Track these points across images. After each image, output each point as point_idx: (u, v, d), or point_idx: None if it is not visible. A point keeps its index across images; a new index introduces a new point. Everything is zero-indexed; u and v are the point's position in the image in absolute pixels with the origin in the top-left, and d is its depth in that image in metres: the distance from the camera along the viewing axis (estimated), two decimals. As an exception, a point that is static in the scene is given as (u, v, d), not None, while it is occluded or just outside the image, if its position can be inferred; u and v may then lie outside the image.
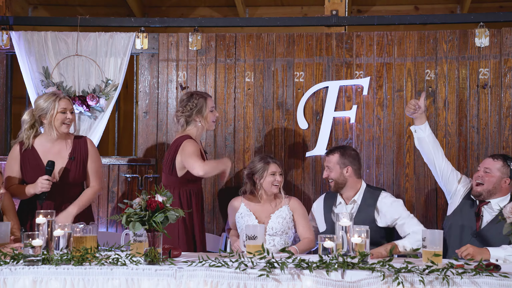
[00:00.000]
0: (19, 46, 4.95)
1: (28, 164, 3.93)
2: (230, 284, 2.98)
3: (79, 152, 4.00)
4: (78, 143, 4.02)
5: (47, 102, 3.91)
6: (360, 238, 3.10)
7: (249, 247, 3.31)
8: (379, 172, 4.86)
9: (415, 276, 2.88)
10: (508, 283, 2.84)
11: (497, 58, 4.81)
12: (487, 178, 3.84)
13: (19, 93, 5.30)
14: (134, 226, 3.12)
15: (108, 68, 4.98)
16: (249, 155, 4.94)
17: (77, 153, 4.00)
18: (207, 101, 4.12)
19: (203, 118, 4.09)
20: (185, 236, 4.00)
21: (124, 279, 3.03)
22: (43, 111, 3.92)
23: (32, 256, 3.05)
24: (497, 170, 3.85)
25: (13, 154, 3.98)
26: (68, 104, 3.96)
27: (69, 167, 3.96)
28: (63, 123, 3.92)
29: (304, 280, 2.95)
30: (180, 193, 4.05)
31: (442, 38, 4.86)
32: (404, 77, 4.88)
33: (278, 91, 4.96)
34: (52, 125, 3.91)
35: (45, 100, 3.93)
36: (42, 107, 3.91)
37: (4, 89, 5.11)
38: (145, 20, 5.15)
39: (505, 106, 4.78)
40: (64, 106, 3.92)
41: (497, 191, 3.84)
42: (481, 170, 3.90)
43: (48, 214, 3.33)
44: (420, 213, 4.79)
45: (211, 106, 4.13)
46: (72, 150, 4.00)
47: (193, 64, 5.02)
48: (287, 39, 4.97)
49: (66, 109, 3.92)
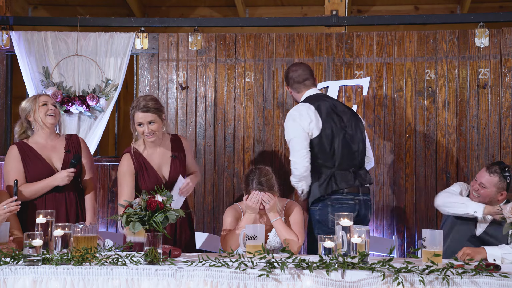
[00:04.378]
0: (19, 46, 4.96)
1: (30, 161, 3.99)
2: (230, 284, 2.98)
3: (72, 146, 4.08)
4: (70, 139, 4.11)
5: (28, 103, 4.04)
6: (360, 238, 3.10)
7: (249, 247, 3.31)
8: (379, 172, 4.86)
9: (415, 276, 2.88)
10: (508, 283, 2.84)
11: (497, 58, 4.81)
12: (482, 192, 3.82)
13: (19, 93, 5.31)
14: (134, 226, 3.12)
15: (108, 68, 4.98)
16: (249, 155, 4.94)
17: (71, 147, 4.08)
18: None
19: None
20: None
21: (124, 279, 3.03)
22: (26, 111, 4.02)
23: (32, 256, 3.05)
24: (493, 186, 3.80)
25: (13, 154, 4.00)
26: (47, 98, 4.05)
27: (67, 160, 4.02)
28: (46, 115, 4.00)
29: (304, 280, 2.95)
30: None
31: (442, 38, 4.87)
32: (404, 77, 4.88)
33: (278, 91, 4.96)
34: (38, 120, 4.00)
35: (26, 102, 4.06)
36: (24, 108, 4.03)
37: (4, 89, 5.11)
38: (145, 20, 5.16)
39: (505, 106, 4.78)
40: (44, 100, 4.03)
41: (493, 203, 3.83)
42: (477, 183, 3.85)
43: (48, 214, 3.33)
44: (420, 213, 4.80)
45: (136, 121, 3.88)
46: (66, 144, 4.08)
47: (193, 64, 5.02)
48: (287, 39, 4.97)
49: (47, 102, 4.02)
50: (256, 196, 3.65)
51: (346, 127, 4.03)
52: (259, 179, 3.70)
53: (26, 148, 4.01)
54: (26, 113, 4.02)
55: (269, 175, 3.75)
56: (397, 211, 4.84)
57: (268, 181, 3.71)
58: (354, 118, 4.09)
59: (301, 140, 3.94)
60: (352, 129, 4.04)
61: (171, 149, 3.94)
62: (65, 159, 4.02)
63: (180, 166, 3.92)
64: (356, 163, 4.05)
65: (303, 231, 3.78)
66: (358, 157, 4.06)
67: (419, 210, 4.81)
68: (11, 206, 3.53)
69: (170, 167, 3.90)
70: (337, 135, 3.98)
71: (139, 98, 3.85)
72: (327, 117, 3.98)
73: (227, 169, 4.95)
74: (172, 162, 3.91)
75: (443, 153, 4.83)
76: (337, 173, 3.96)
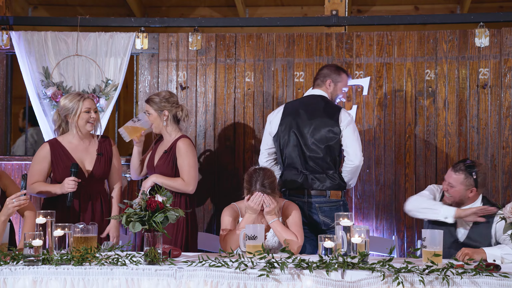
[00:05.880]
0: (19, 46, 4.95)
1: (61, 162, 4.04)
2: (230, 284, 2.98)
3: (105, 149, 4.14)
4: (103, 142, 4.17)
5: (72, 102, 4.05)
6: (360, 238, 3.10)
7: (249, 247, 3.31)
8: (379, 172, 4.86)
9: (415, 276, 2.88)
10: (508, 283, 2.84)
11: (497, 58, 4.81)
12: (452, 191, 3.80)
13: (19, 93, 5.31)
14: (134, 226, 3.12)
15: (108, 68, 4.98)
16: (249, 155, 4.94)
17: (104, 150, 4.14)
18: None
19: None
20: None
21: (124, 279, 3.03)
22: (68, 110, 4.05)
23: (32, 256, 3.05)
24: (460, 184, 3.77)
25: (43, 153, 4.08)
26: (92, 103, 4.09)
27: (98, 162, 4.09)
28: (87, 122, 4.06)
29: (304, 280, 2.95)
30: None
31: (442, 38, 4.87)
32: (404, 77, 4.88)
33: (278, 91, 4.96)
34: (76, 124, 4.05)
35: (70, 101, 4.06)
36: (67, 107, 4.05)
37: (4, 89, 5.11)
38: (145, 20, 5.16)
39: (505, 106, 4.78)
40: (88, 106, 4.05)
41: (464, 200, 3.80)
42: (446, 183, 3.83)
43: (48, 214, 3.34)
44: (420, 213, 4.80)
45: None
46: (98, 147, 4.13)
47: (193, 64, 5.02)
48: (287, 39, 4.97)
49: (90, 109, 4.06)
50: (258, 197, 3.65)
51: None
52: (262, 181, 3.68)
53: (58, 147, 4.07)
54: (67, 113, 4.05)
55: (272, 178, 3.74)
56: (397, 211, 4.84)
57: (271, 184, 3.70)
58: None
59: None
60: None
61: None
62: (96, 162, 4.09)
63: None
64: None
65: (302, 230, 3.77)
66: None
67: (419, 210, 4.80)
68: (20, 200, 3.51)
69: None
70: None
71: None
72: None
73: (227, 169, 4.95)
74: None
75: (443, 153, 4.83)
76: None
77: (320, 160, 4.11)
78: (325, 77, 4.26)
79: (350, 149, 4.12)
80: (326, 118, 4.12)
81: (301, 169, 4.13)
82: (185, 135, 4.20)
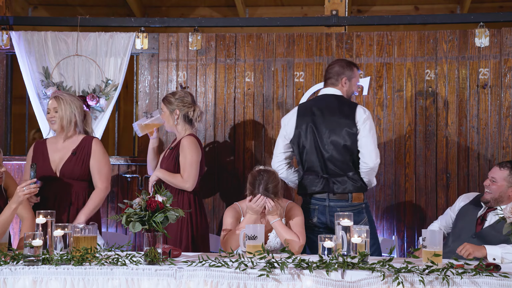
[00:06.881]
0: (19, 46, 4.96)
1: (38, 161, 4.03)
2: (230, 284, 2.98)
3: (82, 149, 4.07)
4: (85, 141, 4.10)
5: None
6: (360, 238, 3.10)
7: (249, 247, 3.31)
8: (379, 172, 4.84)
9: (415, 276, 2.88)
10: (508, 283, 2.84)
11: (497, 58, 4.81)
12: (493, 187, 3.83)
13: (19, 93, 5.31)
14: (134, 226, 3.12)
15: (108, 68, 4.98)
16: (249, 155, 4.94)
17: (80, 149, 4.07)
18: None
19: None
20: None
21: (124, 279, 3.03)
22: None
23: (32, 256, 3.05)
24: (503, 180, 3.81)
25: (28, 154, 4.16)
26: (52, 103, 4.10)
27: (69, 162, 4.03)
28: (49, 122, 4.13)
29: (304, 280, 2.95)
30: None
31: (442, 38, 4.87)
32: (404, 77, 4.88)
33: (278, 91, 4.96)
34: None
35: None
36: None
37: (4, 89, 5.11)
38: (145, 20, 5.16)
39: (505, 106, 4.78)
40: (49, 107, 4.12)
41: (504, 199, 3.83)
42: (488, 178, 3.88)
43: (48, 214, 3.34)
44: (420, 213, 4.80)
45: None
46: (77, 146, 4.09)
47: (193, 64, 5.02)
48: (287, 39, 4.97)
49: (49, 109, 4.10)
50: (261, 200, 3.65)
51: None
52: (266, 185, 3.66)
53: (42, 147, 4.11)
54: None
55: (276, 181, 3.71)
56: (397, 211, 4.84)
57: (275, 188, 3.68)
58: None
59: None
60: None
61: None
62: (66, 161, 4.03)
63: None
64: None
65: (304, 231, 3.75)
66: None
67: (419, 210, 4.81)
68: (31, 188, 3.49)
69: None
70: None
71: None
72: None
73: (227, 169, 4.95)
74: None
75: (443, 153, 4.83)
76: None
77: (340, 162, 3.98)
78: (339, 75, 4.09)
79: (365, 150, 3.97)
80: (343, 118, 3.98)
81: (321, 173, 4.00)
82: (192, 134, 4.18)
